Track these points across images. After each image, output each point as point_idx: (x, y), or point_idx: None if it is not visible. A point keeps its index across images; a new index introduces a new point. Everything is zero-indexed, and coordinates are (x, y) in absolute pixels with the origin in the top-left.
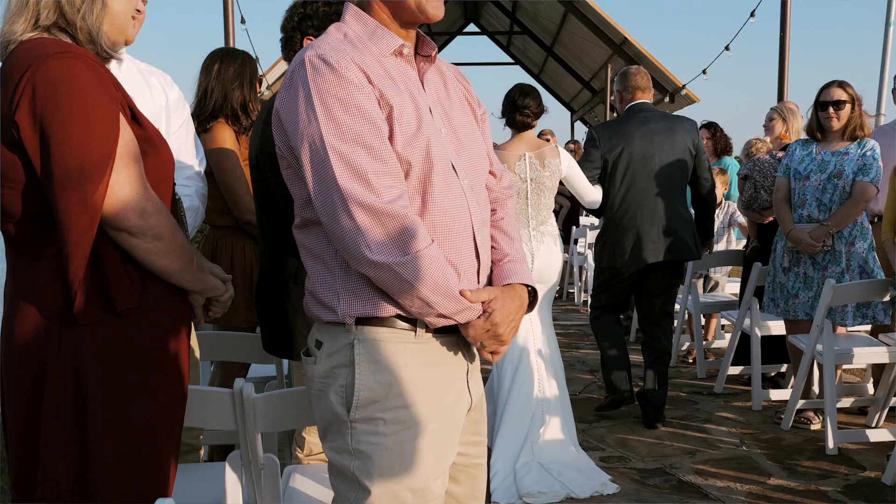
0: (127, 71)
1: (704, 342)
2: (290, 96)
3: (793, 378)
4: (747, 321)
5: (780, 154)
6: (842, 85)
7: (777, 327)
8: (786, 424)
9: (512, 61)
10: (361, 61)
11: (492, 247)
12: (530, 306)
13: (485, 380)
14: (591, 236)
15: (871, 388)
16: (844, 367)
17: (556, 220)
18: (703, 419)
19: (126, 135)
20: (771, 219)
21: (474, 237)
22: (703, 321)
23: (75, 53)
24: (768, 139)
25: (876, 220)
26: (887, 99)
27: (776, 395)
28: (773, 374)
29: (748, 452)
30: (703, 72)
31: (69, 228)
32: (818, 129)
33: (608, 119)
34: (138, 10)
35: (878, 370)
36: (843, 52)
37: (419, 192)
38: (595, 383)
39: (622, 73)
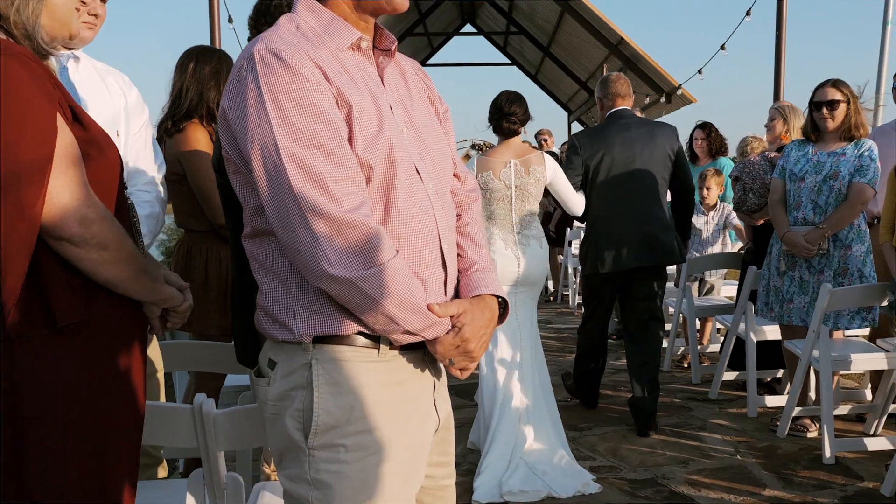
0: (84, 70)
1: (699, 346)
2: (238, 95)
3: (789, 384)
4: (742, 326)
5: (773, 155)
6: (836, 84)
7: (772, 332)
8: (782, 432)
9: (509, 62)
10: (316, 56)
11: (458, 255)
12: (501, 318)
13: (474, 386)
14: None
15: (869, 394)
16: (842, 372)
17: (550, 223)
18: (697, 426)
19: (65, 136)
20: (761, 221)
21: (441, 245)
22: (697, 325)
23: (8, 50)
24: (765, 138)
25: (875, 221)
26: (885, 97)
27: (772, 401)
28: (769, 380)
29: (743, 462)
30: (699, 71)
31: (4, 238)
32: (813, 130)
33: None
34: (83, 2)
35: (876, 375)
36: (841, 50)
37: (381, 199)
38: None
39: (602, 81)
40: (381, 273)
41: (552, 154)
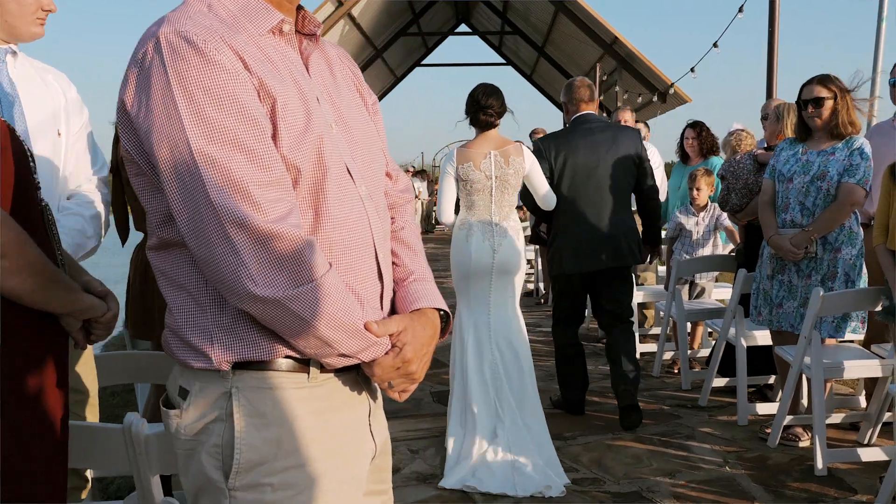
0: (22, 66)
1: (690, 351)
2: (142, 87)
3: (781, 390)
4: (732, 330)
5: (760, 152)
6: (822, 81)
7: (763, 337)
8: (772, 441)
9: (504, 62)
10: (234, 41)
11: (392, 263)
12: (443, 332)
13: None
14: None
15: (863, 401)
16: (836, 379)
17: (540, 225)
18: (686, 435)
19: None
20: (744, 221)
21: (376, 255)
22: (689, 328)
23: None
24: (755, 136)
25: (872, 222)
26: (882, 89)
27: (763, 408)
28: (762, 385)
29: (732, 473)
30: (692, 70)
31: None
32: (802, 129)
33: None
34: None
35: (870, 382)
36: (834, 47)
37: (310, 205)
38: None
39: (567, 86)
40: (314, 291)
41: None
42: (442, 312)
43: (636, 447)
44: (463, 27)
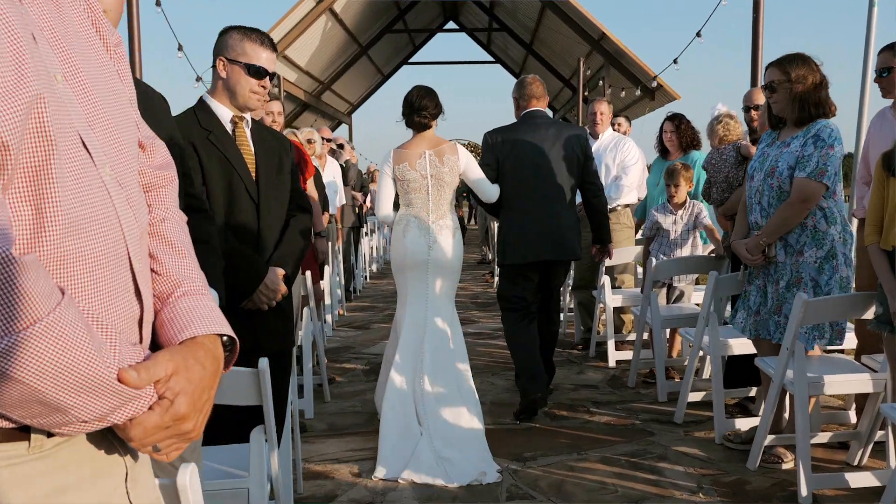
0: None
1: (668, 359)
2: None
3: (763, 402)
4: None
5: (744, 144)
6: (779, 62)
7: (739, 346)
8: (752, 463)
9: (493, 60)
10: None
11: (151, 270)
12: (227, 364)
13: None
14: None
15: (853, 416)
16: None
17: None
18: (658, 455)
19: None
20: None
21: (131, 265)
22: (667, 335)
23: None
24: (742, 124)
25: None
26: (872, 85)
27: (743, 424)
28: (741, 398)
29: (706, 501)
30: (674, 61)
31: None
32: (772, 117)
33: (582, 116)
34: None
35: (862, 395)
36: (823, 33)
37: (29, 199)
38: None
39: (519, 82)
40: (34, 339)
41: None
42: (225, 338)
43: (602, 469)
44: (450, 24)
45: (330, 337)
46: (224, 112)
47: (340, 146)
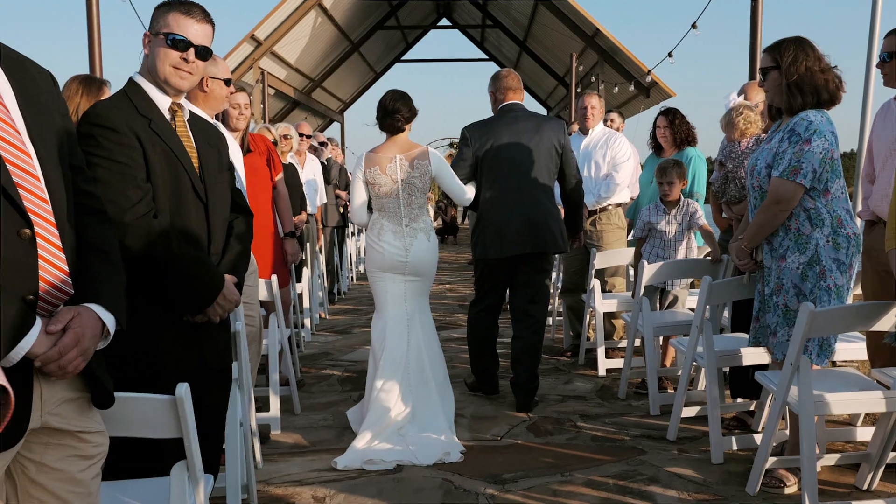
0: None
1: (661, 368)
2: None
3: (763, 416)
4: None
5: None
6: (771, 49)
7: (736, 358)
8: (752, 488)
9: (486, 58)
10: None
11: None
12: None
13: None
14: None
15: (860, 433)
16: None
17: None
18: (649, 477)
19: None
20: (739, 215)
21: None
22: (660, 342)
23: None
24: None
25: (879, 221)
26: (877, 78)
27: (743, 442)
28: (738, 412)
29: None
30: (669, 54)
31: None
32: (770, 109)
33: (572, 116)
34: None
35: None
36: (826, 24)
37: None
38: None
39: (494, 76)
40: None
41: None
42: None
43: (587, 494)
44: (443, 21)
45: (308, 342)
46: (161, 98)
47: (323, 143)
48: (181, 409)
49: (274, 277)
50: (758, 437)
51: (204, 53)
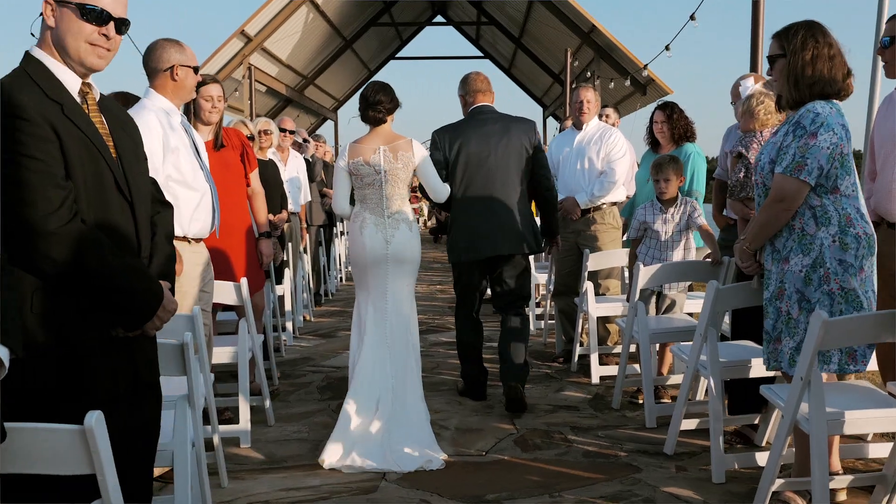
0: None
1: (657, 377)
2: None
3: (768, 431)
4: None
5: None
6: (778, 35)
7: (743, 370)
8: None
9: (482, 55)
10: None
11: None
12: None
13: None
14: None
15: (872, 449)
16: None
17: None
18: (644, 499)
19: None
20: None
21: None
22: (657, 348)
23: None
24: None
25: (885, 223)
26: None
27: (745, 460)
28: (739, 426)
29: None
30: (666, 48)
31: None
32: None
33: (567, 112)
34: None
35: None
36: (832, 14)
37: None
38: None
39: (463, 79)
40: None
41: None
42: None
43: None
44: (438, 18)
45: (290, 346)
46: (70, 78)
47: (306, 140)
48: (93, 440)
49: (243, 280)
50: (761, 455)
51: (123, 27)
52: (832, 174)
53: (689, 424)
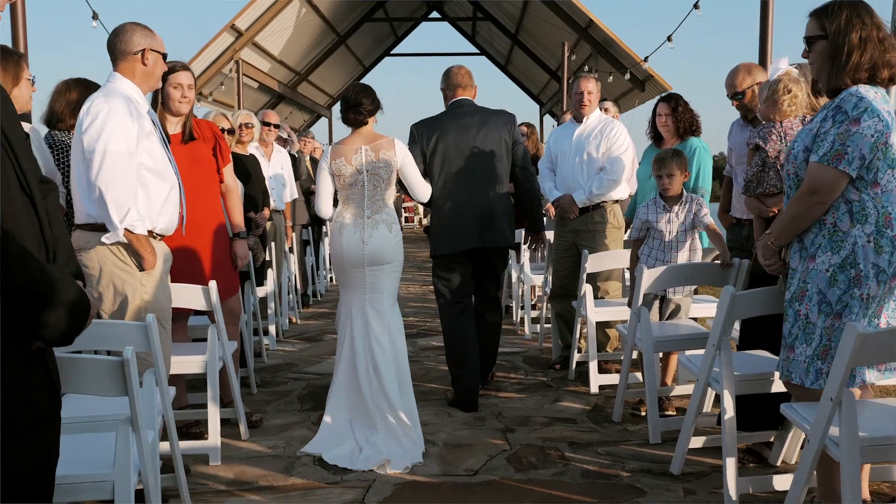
0: None
1: (661, 387)
2: None
3: (784, 450)
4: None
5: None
6: (818, 14)
7: (763, 384)
8: None
9: (478, 52)
10: None
11: None
12: None
13: None
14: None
15: None
16: None
17: None
18: None
19: None
20: (774, 211)
21: None
22: (660, 356)
23: None
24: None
25: None
26: None
27: (759, 484)
28: (753, 444)
29: None
30: (668, 38)
31: None
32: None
33: (564, 107)
34: None
35: None
36: None
37: None
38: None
39: (444, 73)
40: None
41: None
42: None
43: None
44: (433, 14)
45: (273, 351)
46: None
47: (290, 136)
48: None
49: (212, 284)
50: (779, 479)
51: None
52: (874, 165)
53: (697, 442)
